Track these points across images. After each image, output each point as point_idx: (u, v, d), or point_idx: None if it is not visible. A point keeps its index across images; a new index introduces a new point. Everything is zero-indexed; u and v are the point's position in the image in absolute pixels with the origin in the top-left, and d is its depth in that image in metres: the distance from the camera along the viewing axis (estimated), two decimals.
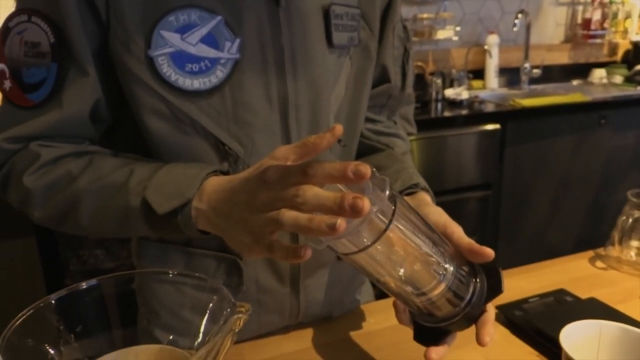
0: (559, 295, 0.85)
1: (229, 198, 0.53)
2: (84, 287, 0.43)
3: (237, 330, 0.39)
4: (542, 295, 0.84)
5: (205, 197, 0.56)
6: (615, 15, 3.15)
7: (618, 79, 3.07)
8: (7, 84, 0.65)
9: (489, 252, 0.58)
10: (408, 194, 0.73)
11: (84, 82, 0.64)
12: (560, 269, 0.97)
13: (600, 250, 1.01)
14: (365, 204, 0.41)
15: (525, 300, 0.83)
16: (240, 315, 0.40)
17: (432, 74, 2.76)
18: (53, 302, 0.40)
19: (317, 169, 0.44)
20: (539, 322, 0.74)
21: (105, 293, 0.45)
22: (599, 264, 0.98)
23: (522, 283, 0.92)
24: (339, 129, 0.50)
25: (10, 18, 0.65)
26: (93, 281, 0.43)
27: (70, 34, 0.62)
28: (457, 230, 0.61)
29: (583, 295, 0.84)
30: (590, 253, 1.02)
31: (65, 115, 0.64)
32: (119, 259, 1.83)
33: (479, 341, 0.60)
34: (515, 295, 0.85)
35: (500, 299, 0.84)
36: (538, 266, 0.99)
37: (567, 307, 0.81)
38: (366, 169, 0.43)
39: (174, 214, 0.57)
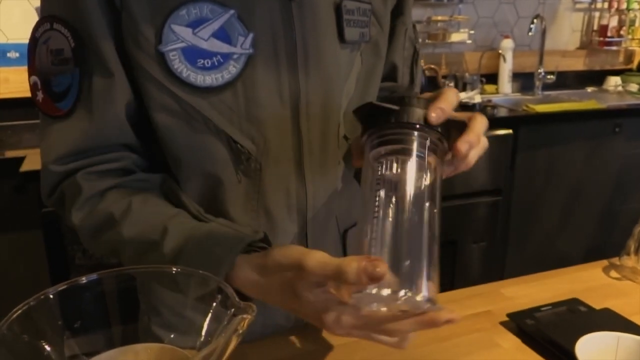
0: (572, 304, 0.82)
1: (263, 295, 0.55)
2: (84, 281, 0.41)
3: (241, 332, 0.37)
4: (555, 304, 0.82)
5: (237, 281, 0.56)
6: (632, 23, 3.12)
7: (633, 87, 3.03)
8: (40, 95, 0.64)
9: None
10: None
11: (110, 83, 0.62)
12: (573, 278, 0.95)
13: (615, 260, 0.99)
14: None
15: (537, 309, 0.80)
16: (245, 316, 0.38)
17: (444, 77, 2.74)
18: (51, 296, 0.39)
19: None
20: (552, 332, 0.72)
21: (105, 289, 0.43)
22: (613, 273, 0.96)
23: (533, 291, 0.90)
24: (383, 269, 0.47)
25: (36, 28, 0.64)
26: (93, 276, 0.41)
27: (90, 35, 0.60)
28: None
29: (597, 305, 0.82)
30: (605, 262, 1.00)
31: (96, 122, 0.63)
32: None
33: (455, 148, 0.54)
34: (526, 303, 0.83)
35: (512, 307, 0.83)
36: (550, 274, 0.96)
37: (580, 317, 0.79)
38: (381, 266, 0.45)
39: None
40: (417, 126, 0.52)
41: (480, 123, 0.57)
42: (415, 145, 0.52)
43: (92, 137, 0.64)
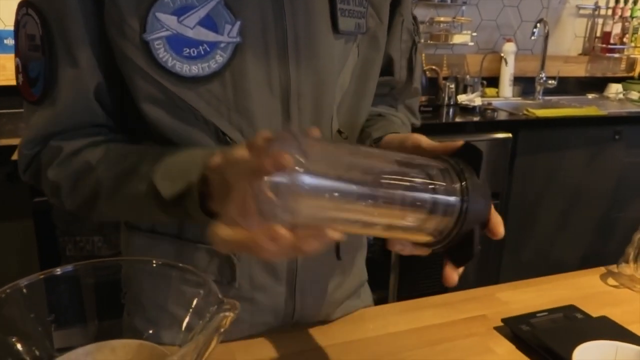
0: (569, 311, 0.80)
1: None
2: (58, 272, 0.39)
3: (223, 330, 0.35)
4: (551, 311, 0.80)
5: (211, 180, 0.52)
6: (635, 30, 3.10)
7: (634, 94, 3.02)
8: (20, 78, 0.65)
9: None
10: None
11: (76, 74, 0.61)
12: (570, 284, 0.93)
13: (613, 267, 0.97)
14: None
15: (532, 315, 0.79)
16: (227, 313, 0.36)
17: (445, 78, 2.72)
18: (24, 288, 0.37)
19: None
20: (548, 339, 0.70)
21: (82, 281, 0.41)
22: (611, 281, 0.94)
23: (529, 296, 0.88)
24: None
25: (17, 10, 0.64)
26: (68, 267, 0.39)
27: (61, 23, 0.59)
28: (421, 138, 0.56)
29: (593, 313, 0.80)
30: (602, 269, 0.98)
31: (63, 109, 0.63)
32: (116, 247, 1.80)
33: (493, 232, 0.53)
34: (522, 308, 0.82)
35: (507, 312, 0.81)
36: (546, 280, 0.95)
37: (577, 324, 0.77)
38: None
39: (182, 197, 0.54)
40: None
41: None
42: None
43: (58, 123, 0.64)
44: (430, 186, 0.47)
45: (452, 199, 0.48)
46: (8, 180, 1.69)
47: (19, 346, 0.36)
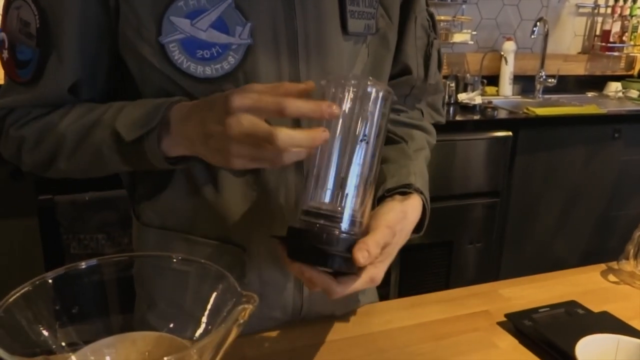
0: (570, 307, 0.82)
1: (199, 122, 0.55)
2: (83, 266, 0.40)
3: (242, 321, 0.36)
4: (553, 306, 0.82)
5: (173, 123, 0.58)
6: (635, 29, 3.11)
7: (634, 93, 3.04)
8: (5, 54, 0.67)
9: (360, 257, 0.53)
10: (401, 193, 0.69)
11: (61, 69, 0.64)
12: (571, 281, 0.94)
13: (613, 264, 0.99)
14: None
15: (535, 310, 0.80)
16: (246, 305, 0.37)
17: (445, 77, 2.73)
18: (50, 280, 0.38)
19: (291, 107, 0.50)
20: (550, 334, 0.72)
21: (105, 275, 0.42)
22: (611, 277, 0.96)
23: (530, 292, 0.90)
24: (311, 84, 0.55)
25: None
26: (93, 261, 0.41)
27: (57, 20, 0.62)
28: (377, 233, 0.57)
29: (595, 308, 0.82)
30: (603, 266, 1.00)
31: (44, 97, 0.66)
32: (120, 245, 1.81)
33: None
34: (524, 304, 0.83)
35: (509, 307, 0.83)
36: (548, 276, 0.96)
37: (578, 319, 0.79)
38: (337, 109, 0.52)
39: (141, 140, 0.59)
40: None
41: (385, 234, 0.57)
42: None
43: (33, 105, 0.68)
44: None
45: None
46: (12, 179, 1.71)
47: (46, 336, 0.37)
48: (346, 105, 0.54)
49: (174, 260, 0.44)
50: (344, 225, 0.53)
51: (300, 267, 0.54)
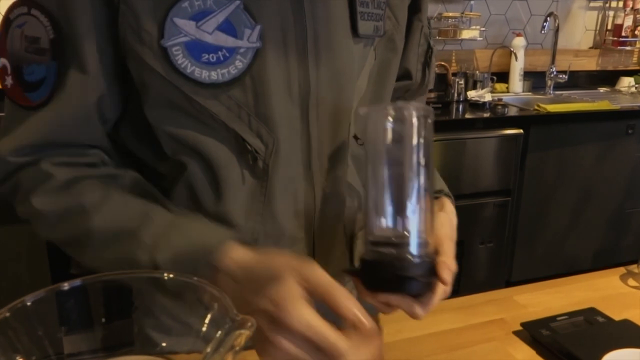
0: (590, 314, 0.78)
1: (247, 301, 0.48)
2: (66, 288, 0.37)
3: (238, 349, 0.33)
4: (571, 314, 0.78)
5: (221, 275, 0.52)
6: None
7: None
8: (9, 80, 0.61)
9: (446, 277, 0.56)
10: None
11: (85, 80, 0.59)
12: (589, 285, 0.91)
13: (633, 267, 0.95)
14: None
15: (552, 319, 0.77)
16: (242, 330, 0.34)
17: (454, 74, 2.69)
18: (29, 304, 0.35)
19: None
20: (570, 345, 0.68)
21: (90, 295, 0.40)
22: (631, 282, 0.92)
23: (547, 298, 0.86)
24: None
25: (10, 9, 0.60)
26: (77, 282, 0.38)
27: (73, 28, 0.57)
28: (446, 248, 0.60)
29: (615, 315, 0.78)
30: (622, 270, 0.96)
31: (66, 117, 0.60)
32: None
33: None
34: (541, 312, 0.80)
35: (525, 315, 0.79)
36: (565, 281, 0.92)
37: (598, 328, 0.75)
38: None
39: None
40: None
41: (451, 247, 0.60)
42: None
43: (58, 132, 0.61)
44: None
45: None
46: None
47: None
48: (391, 135, 0.55)
49: (166, 278, 0.41)
50: (415, 248, 0.55)
51: (386, 297, 0.56)
